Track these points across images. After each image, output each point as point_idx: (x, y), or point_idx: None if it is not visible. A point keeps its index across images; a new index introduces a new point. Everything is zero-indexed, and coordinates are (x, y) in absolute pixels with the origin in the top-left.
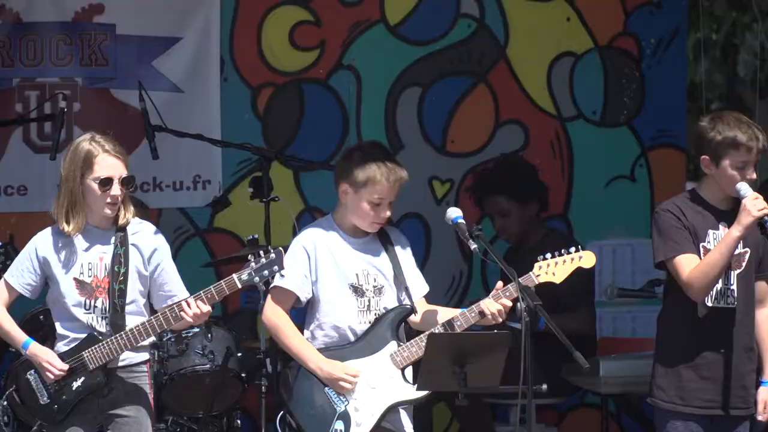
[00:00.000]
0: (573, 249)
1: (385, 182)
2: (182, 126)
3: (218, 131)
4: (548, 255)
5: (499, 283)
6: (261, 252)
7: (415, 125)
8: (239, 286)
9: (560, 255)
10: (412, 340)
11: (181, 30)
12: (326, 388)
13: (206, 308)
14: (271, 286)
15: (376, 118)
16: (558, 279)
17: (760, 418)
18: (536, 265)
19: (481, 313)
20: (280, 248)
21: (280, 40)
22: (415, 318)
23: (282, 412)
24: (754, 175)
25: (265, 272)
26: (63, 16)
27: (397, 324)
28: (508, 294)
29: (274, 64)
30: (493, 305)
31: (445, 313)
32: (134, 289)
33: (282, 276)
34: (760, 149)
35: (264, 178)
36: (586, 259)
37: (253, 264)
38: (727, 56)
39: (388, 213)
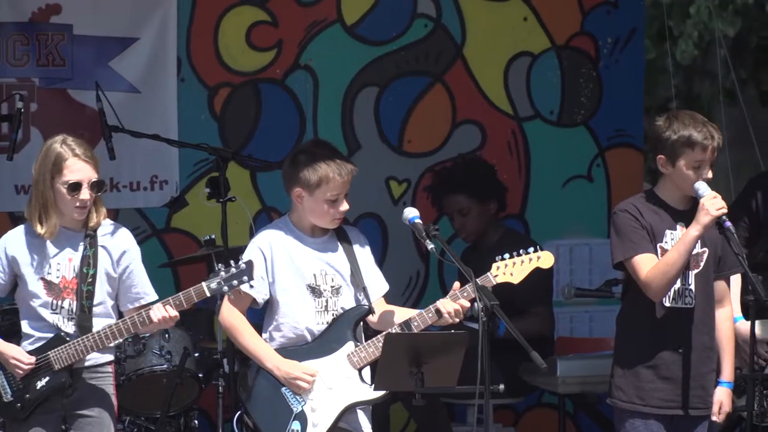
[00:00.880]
0: (531, 249)
1: (339, 178)
2: (139, 126)
3: (175, 131)
4: (506, 255)
5: (456, 284)
6: (231, 261)
7: (371, 125)
8: (208, 294)
9: (518, 255)
10: (369, 341)
11: (138, 30)
12: (283, 389)
13: (174, 313)
14: None
15: (332, 118)
16: (516, 279)
17: (714, 418)
18: (494, 265)
19: (438, 312)
20: (251, 260)
21: (236, 41)
22: (373, 318)
23: (239, 412)
24: (710, 174)
25: (234, 282)
26: (20, 17)
27: (355, 324)
28: (465, 294)
29: (231, 65)
30: (449, 305)
31: (402, 313)
32: (102, 291)
33: (252, 287)
34: (716, 148)
35: (221, 178)
36: (545, 259)
37: (222, 273)
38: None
39: (346, 206)
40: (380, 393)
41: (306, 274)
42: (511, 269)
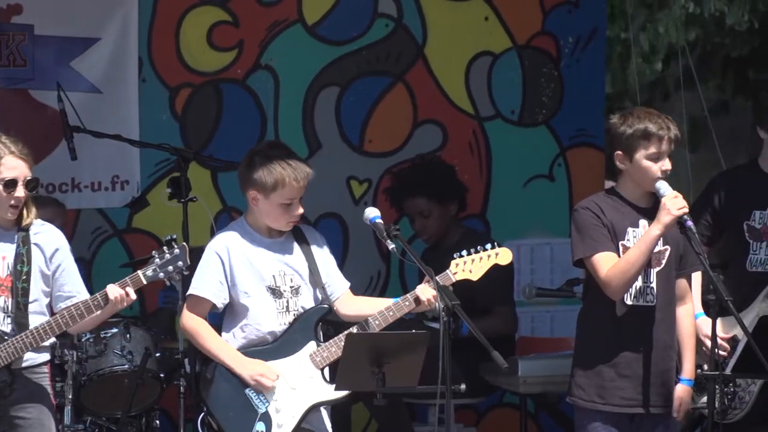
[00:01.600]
0: (489, 246)
1: (294, 183)
2: (101, 126)
3: (136, 132)
4: (464, 252)
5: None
6: (165, 248)
7: (332, 125)
8: (144, 282)
9: (476, 252)
10: (331, 340)
11: (99, 31)
12: (247, 390)
13: (133, 295)
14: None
15: (293, 118)
16: (475, 276)
17: (675, 415)
18: (453, 262)
19: (417, 300)
20: (184, 243)
21: (197, 41)
22: (345, 311)
23: (203, 413)
24: (669, 166)
25: (170, 268)
26: None
27: (316, 324)
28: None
29: (192, 65)
30: (428, 291)
31: (376, 303)
32: (37, 288)
33: (187, 270)
34: (672, 139)
35: (182, 178)
36: (503, 255)
37: (157, 260)
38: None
39: (301, 210)
40: (343, 393)
41: (265, 276)
42: (470, 266)
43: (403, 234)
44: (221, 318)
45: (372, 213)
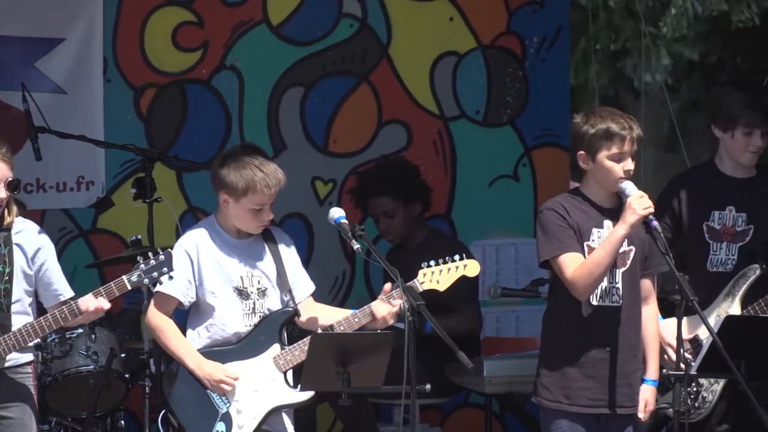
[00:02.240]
0: (457, 257)
1: (265, 190)
2: (65, 127)
3: (101, 132)
4: (432, 262)
5: (387, 285)
6: (150, 254)
7: (297, 125)
8: (129, 287)
9: (445, 263)
10: (295, 344)
11: (64, 31)
12: (208, 390)
13: (107, 304)
14: (154, 291)
15: (258, 119)
16: (442, 287)
17: (640, 415)
18: (420, 272)
19: (372, 315)
20: (169, 250)
21: (162, 41)
22: (302, 318)
23: (164, 411)
24: (632, 166)
25: (155, 274)
26: None
27: (281, 326)
28: (397, 295)
29: (157, 65)
30: (383, 308)
31: (333, 313)
32: (19, 289)
33: (171, 278)
34: (635, 138)
35: (147, 178)
36: (471, 267)
37: (142, 266)
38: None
39: (271, 215)
40: (306, 396)
41: (233, 277)
42: (437, 276)
43: (368, 234)
44: (186, 316)
45: (337, 213)
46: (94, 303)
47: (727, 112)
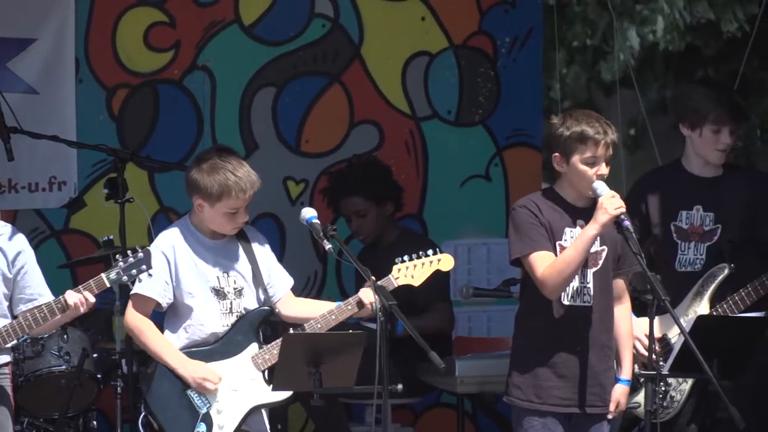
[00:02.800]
0: (431, 252)
1: (240, 194)
2: (37, 127)
3: (73, 132)
4: (406, 257)
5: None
6: (129, 251)
7: (269, 125)
8: (108, 285)
9: (418, 257)
10: (273, 342)
11: (36, 31)
12: (188, 391)
13: (92, 298)
14: (132, 292)
15: (230, 119)
16: (417, 282)
17: (609, 416)
18: (395, 267)
19: (359, 304)
20: (148, 248)
21: (134, 42)
22: (286, 312)
23: (143, 413)
24: (606, 171)
25: (134, 271)
26: None
27: (258, 325)
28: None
29: (129, 66)
30: (371, 294)
31: (318, 306)
32: None
33: (150, 275)
34: (609, 143)
35: (119, 179)
36: (445, 261)
37: (121, 263)
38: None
39: (246, 218)
40: (285, 395)
41: (209, 277)
42: (412, 271)
43: (339, 234)
44: (163, 317)
45: (309, 213)
46: (77, 296)
47: (694, 109)
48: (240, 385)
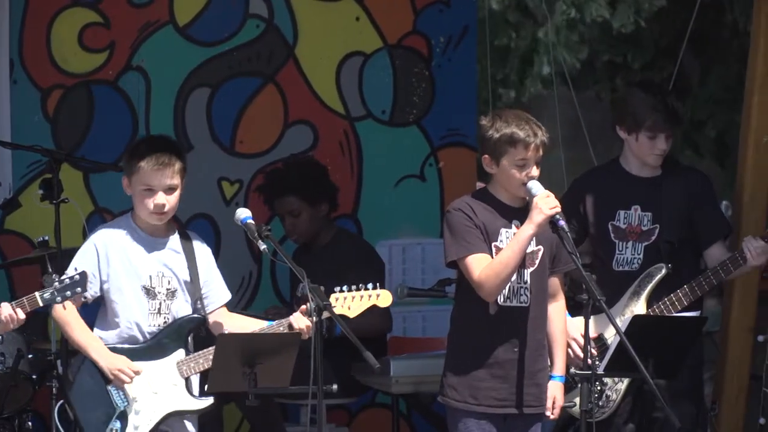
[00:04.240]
0: (371, 285)
1: (146, 166)
2: None
3: (8, 133)
4: (345, 288)
5: (303, 307)
6: (66, 272)
7: (203, 126)
8: (41, 303)
9: (358, 290)
10: (200, 352)
11: None
12: (108, 386)
13: (21, 315)
14: None
15: (165, 119)
16: (352, 314)
17: (548, 413)
18: (332, 296)
19: (290, 327)
20: (84, 270)
21: (69, 42)
22: (217, 325)
23: (60, 401)
24: (536, 173)
25: (68, 293)
26: None
27: (187, 332)
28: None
29: (64, 66)
30: (302, 320)
31: (250, 323)
32: None
33: (85, 299)
34: (539, 145)
35: (54, 179)
36: (383, 298)
37: (56, 284)
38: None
39: (165, 202)
40: (204, 404)
41: (142, 275)
42: (349, 302)
43: (274, 234)
44: (95, 315)
45: (243, 213)
46: (6, 311)
47: (631, 115)
48: (161, 388)
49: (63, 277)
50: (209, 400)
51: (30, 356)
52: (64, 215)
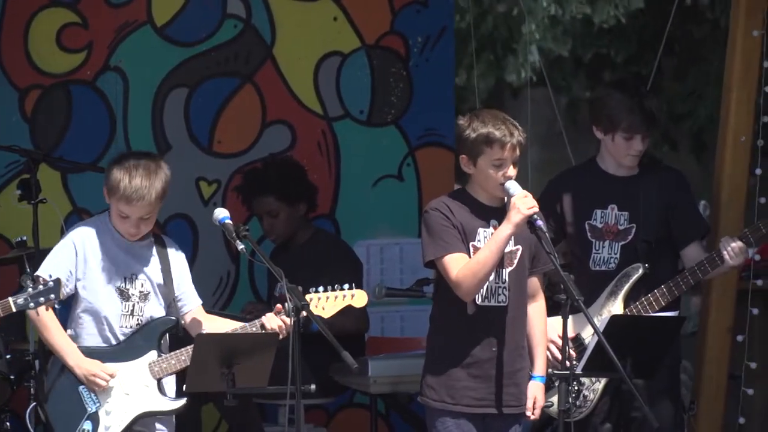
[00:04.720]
0: (347, 286)
1: (124, 201)
2: None
3: None
4: (321, 288)
5: (279, 306)
6: (41, 278)
7: (181, 126)
8: (14, 309)
9: (333, 290)
10: (172, 353)
11: None
12: (80, 387)
13: None
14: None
15: (143, 119)
16: (327, 314)
17: (528, 413)
18: (307, 296)
19: (262, 327)
20: (58, 277)
21: (47, 42)
22: (192, 325)
23: (33, 404)
24: (513, 173)
25: (41, 299)
26: None
27: (161, 335)
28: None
29: (42, 66)
30: (274, 320)
31: (225, 324)
32: None
33: (58, 305)
34: (515, 145)
35: (32, 180)
36: (359, 298)
37: (30, 290)
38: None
39: (136, 230)
40: (176, 405)
41: (116, 276)
42: (324, 303)
43: (252, 235)
44: (68, 313)
45: (221, 214)
46: None
47: (608, 116)
48: (133, 389)
49: (37, 284)
50: (182, 401)
51: (8, 356)
52: (42, 215)
